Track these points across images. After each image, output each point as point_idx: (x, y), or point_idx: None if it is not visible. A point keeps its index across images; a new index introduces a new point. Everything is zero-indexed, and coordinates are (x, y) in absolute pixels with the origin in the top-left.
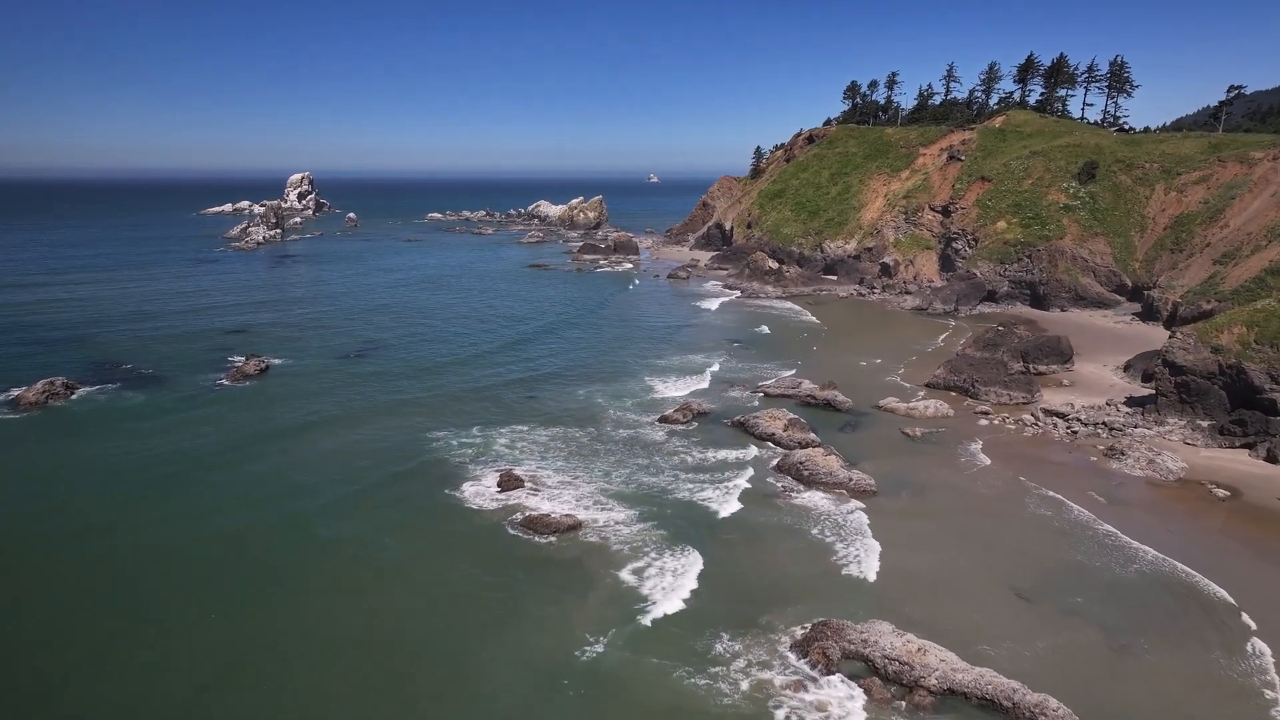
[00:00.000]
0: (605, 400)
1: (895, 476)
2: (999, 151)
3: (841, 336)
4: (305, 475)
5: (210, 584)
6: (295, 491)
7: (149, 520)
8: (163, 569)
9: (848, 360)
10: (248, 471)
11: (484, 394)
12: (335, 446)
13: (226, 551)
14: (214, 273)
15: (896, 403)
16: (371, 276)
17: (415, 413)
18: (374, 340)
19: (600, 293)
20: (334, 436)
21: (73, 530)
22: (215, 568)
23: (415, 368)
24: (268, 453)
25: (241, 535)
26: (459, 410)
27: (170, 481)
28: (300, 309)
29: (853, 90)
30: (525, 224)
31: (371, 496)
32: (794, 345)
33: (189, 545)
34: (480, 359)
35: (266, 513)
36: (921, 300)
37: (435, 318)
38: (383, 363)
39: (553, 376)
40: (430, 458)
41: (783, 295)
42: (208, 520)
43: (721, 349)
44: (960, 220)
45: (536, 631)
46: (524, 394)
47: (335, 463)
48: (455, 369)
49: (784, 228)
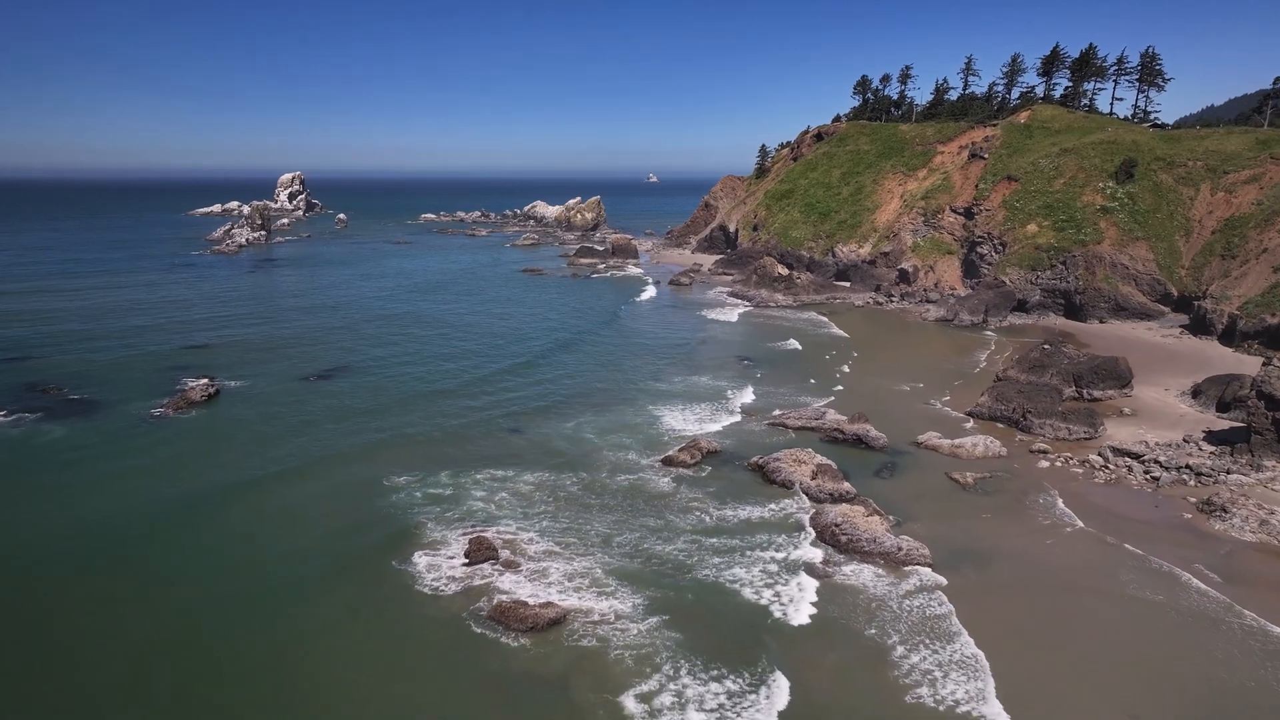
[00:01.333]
0: (600, 436)
1: (953, 541)
2: (1025, 149)
3: (864, 353)
4: (224, 552)
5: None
6: (201, 577)
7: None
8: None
9: (875, 383)
10: (156, 547)
11: (460, 428)
12: (270, 505)
13: (93, 671)
14: (186, 280)
15: (939, 438)
16: (351, 284)
17: (377, 453)
18: (343, 359)
19: (596, 301)
20: (272, 490)
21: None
22: (76, 695)
23: (383, 394)
24: (187, 518)
25: (121, 643)
26: (429, 449)
27: (47, 566)
28: (268, 322)
29: (863, 85)
30: (521, 225)
31: (301, 582)
32: (812, 364)
33: (55, 658)
34: (458, 384)
35: (158, 612)
36: (946, 310)
37: (412, 333)
38: (348, 387)
39: (540, 405)
40: (388, 515)
41: (794, 304)
42: (83, 622)
43: (730, 369)
44: (985, 223)
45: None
46: (506, 427)
47: (264, 530)
48: (429, 397)
49: (793, 230)
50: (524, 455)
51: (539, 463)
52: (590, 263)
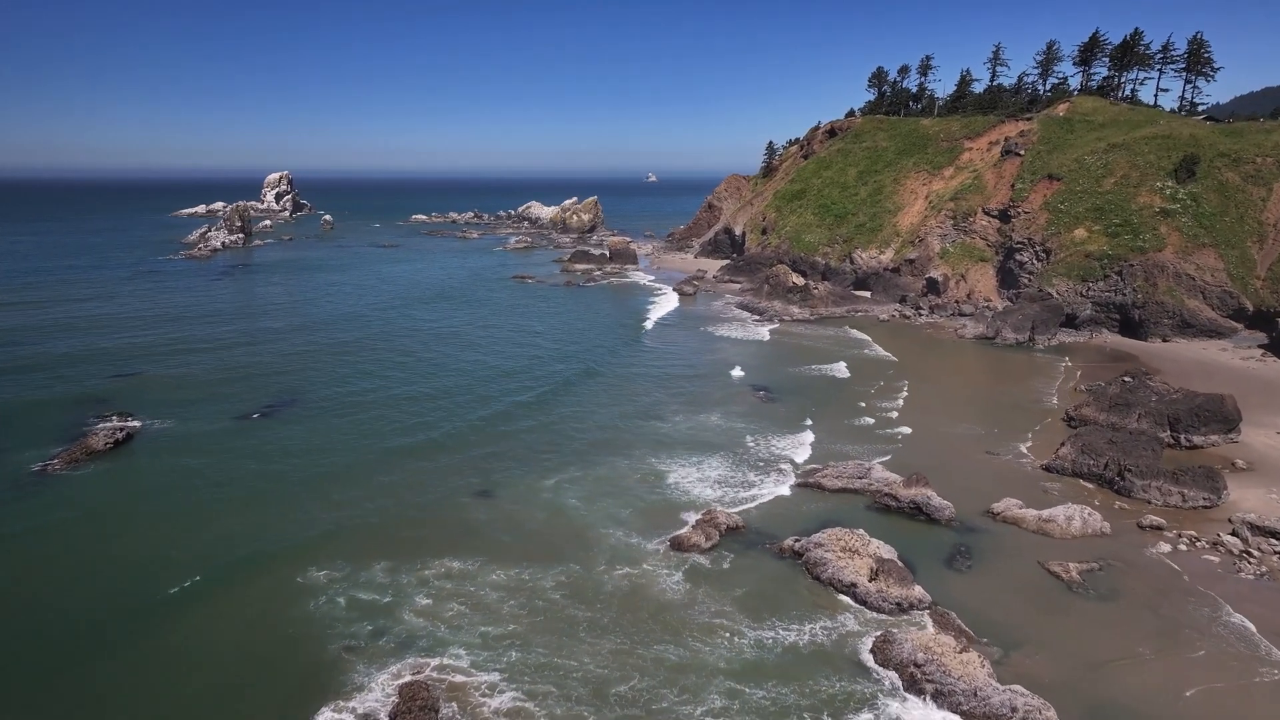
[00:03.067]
0: (589, 503)
1: (1087, 692)
2: (1066, 144)
3: (901, 382)
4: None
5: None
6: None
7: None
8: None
9: (922, 423)
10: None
11: (414, 490)
12: (131, 644)
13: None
14: (143, 290)
15: (1019, 508)
16: (322, 297)
17: (302, 531)
18: (293, 393)
19: (590, 315)
20: (142, 616)
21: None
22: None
23: (327, 443)
24: (33, 664)
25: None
26: (368, 526)
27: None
28: (216, 346)
29: (879, 77)
30: (514, 227)
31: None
32: (842, 396)
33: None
34: (420, 428)
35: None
36: (985, 326)
37: (377, 360)
38: (288, 434)
39: (516, 455)
40: (294, 641)
41: (811, 317)
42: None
43: (744, 402)
44: (1024, 227)
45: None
46: (472, 489)
47: (111, 689)
48: (381, 449)
49: (805, 234)
50: (489, 535)
51: (508, 550)
52: (586, 269)
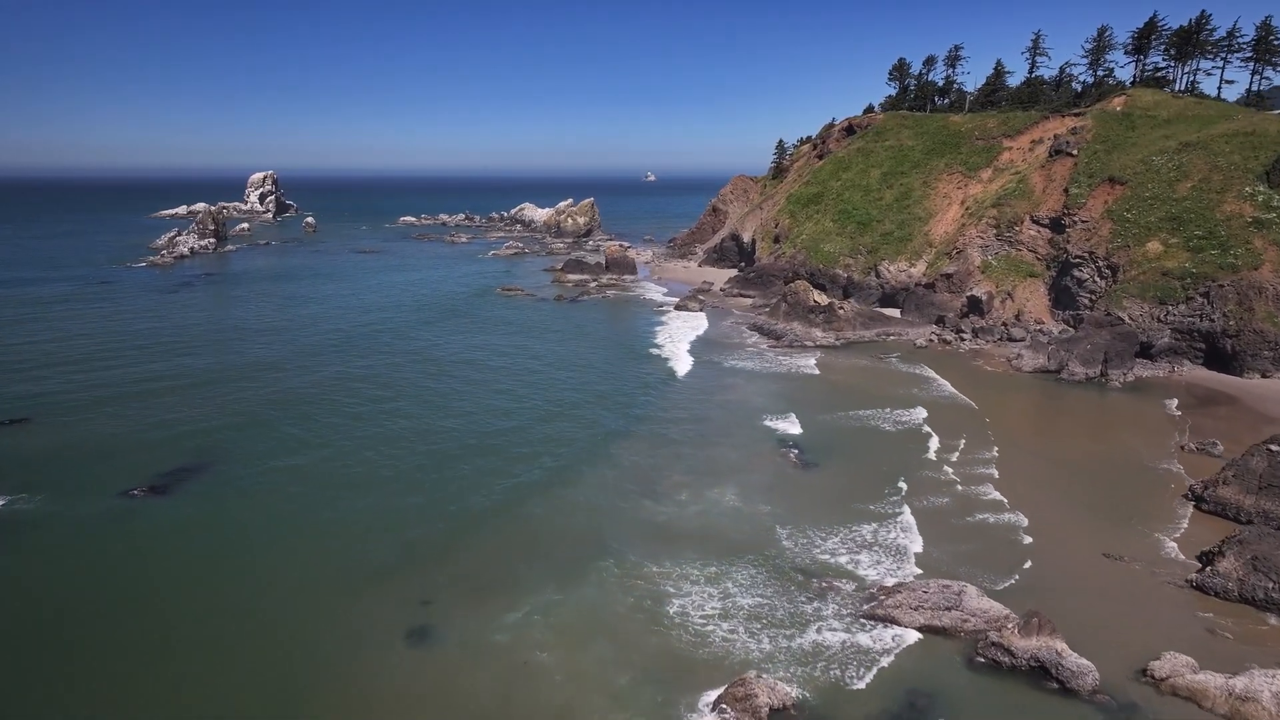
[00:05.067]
0: (559, 661)
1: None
2: (1128, 143)
3: (966, 434)
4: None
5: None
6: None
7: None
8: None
9: (1015, 500)
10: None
11: (308, 643)
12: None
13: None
14: (77, 310)
15: (1192, 671)
16: (278, 320)
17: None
18: (205, 454)
19: (577, 340)
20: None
21: None
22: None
23: (218, 541)
24: None
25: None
26: (228, 692)
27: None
28: (129, 389)
29: (900, 70)
30: (507, 230)
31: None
32: (896, 458)
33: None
34: (342, 518)
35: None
36: (1045, 357)
37: (319, 411)
38: (178, 517)
39: (466, 567)
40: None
41: (836, 342)
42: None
43: (771, 468)
44: (1083, 238)
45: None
46: (401, 628)
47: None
48: (285, 545)
49: (824, 243)
50: (408, 712)
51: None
52: (580, 280)
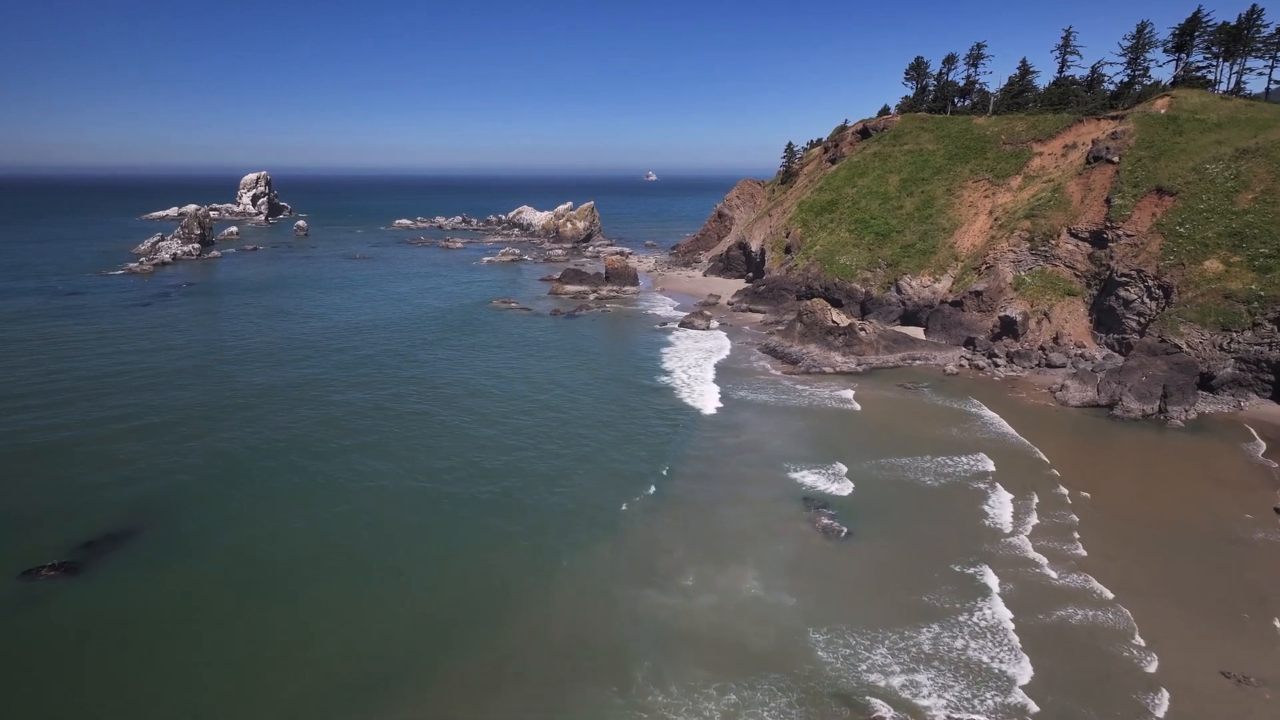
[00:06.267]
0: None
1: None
2: (1175, 149)
3: (1030, 494)
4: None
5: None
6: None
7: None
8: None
9: (1111, 587)
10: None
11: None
12: None
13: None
14: (36, 327)
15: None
16: (247, 342)
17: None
18: (136, 517)
19: (571, 364)
20: None
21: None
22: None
23: (129, 639)
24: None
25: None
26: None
27: None
28: (62, 436)
29: (918, 69)
30: (504, 235)
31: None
32: (945, 521)
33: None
34: (284, 619)
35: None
36: (1093, 389)
37: (271, 457)
38: (89, 603)
39: (427, 705)
40: None
41: (858, 367)
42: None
43: (796, 540)
44: (1129, 255)
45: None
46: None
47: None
48: (207, 663)
49: (840, 255)
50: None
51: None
52: (578, 292)
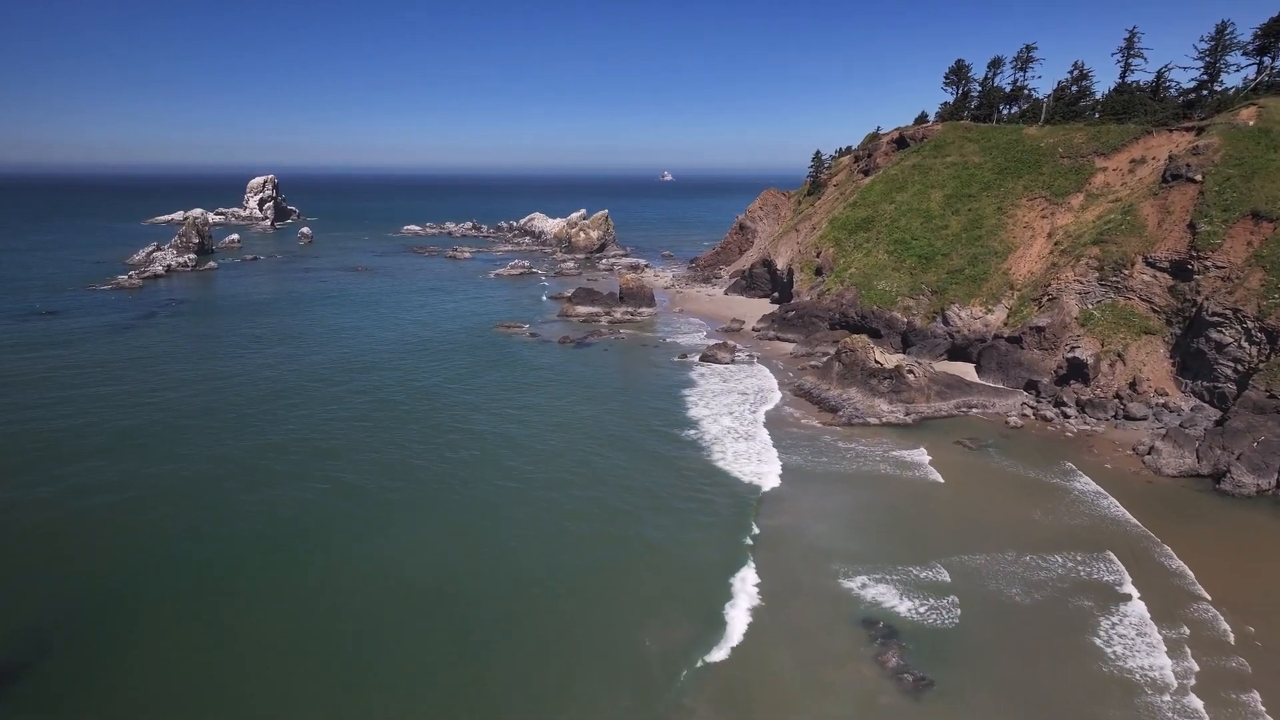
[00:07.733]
0: None
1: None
2: (1271, 167)
3: (1180, 626)
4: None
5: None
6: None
7: None
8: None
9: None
10: None
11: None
12: None
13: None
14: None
15: None
16: (230, 374)
17: None
18: (18, 642)
19: (576, 411)
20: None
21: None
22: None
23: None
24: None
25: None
26: None
27: None
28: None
29: (959, 73)
30: (515, 243)
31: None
32: (1061, 664)
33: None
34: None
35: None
36: (1190, 454)
37: (220, 545)
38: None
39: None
40: None
41: (907, 418)
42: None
43: (851, 681)
44: (1219, 289)
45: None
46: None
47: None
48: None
49: (878, 280)
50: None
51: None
52: (590, 313)
